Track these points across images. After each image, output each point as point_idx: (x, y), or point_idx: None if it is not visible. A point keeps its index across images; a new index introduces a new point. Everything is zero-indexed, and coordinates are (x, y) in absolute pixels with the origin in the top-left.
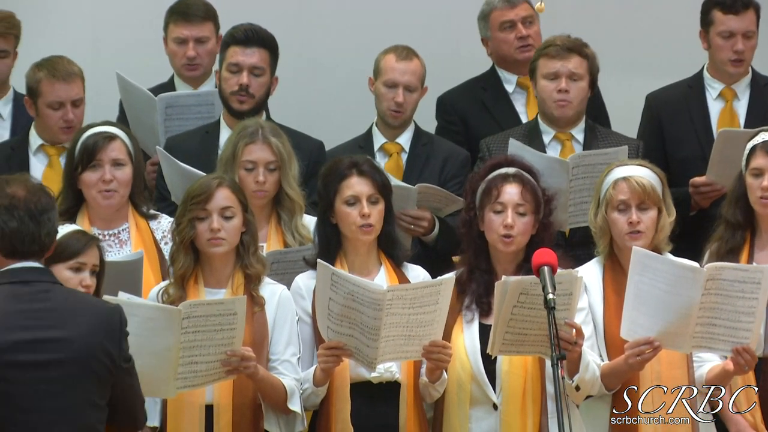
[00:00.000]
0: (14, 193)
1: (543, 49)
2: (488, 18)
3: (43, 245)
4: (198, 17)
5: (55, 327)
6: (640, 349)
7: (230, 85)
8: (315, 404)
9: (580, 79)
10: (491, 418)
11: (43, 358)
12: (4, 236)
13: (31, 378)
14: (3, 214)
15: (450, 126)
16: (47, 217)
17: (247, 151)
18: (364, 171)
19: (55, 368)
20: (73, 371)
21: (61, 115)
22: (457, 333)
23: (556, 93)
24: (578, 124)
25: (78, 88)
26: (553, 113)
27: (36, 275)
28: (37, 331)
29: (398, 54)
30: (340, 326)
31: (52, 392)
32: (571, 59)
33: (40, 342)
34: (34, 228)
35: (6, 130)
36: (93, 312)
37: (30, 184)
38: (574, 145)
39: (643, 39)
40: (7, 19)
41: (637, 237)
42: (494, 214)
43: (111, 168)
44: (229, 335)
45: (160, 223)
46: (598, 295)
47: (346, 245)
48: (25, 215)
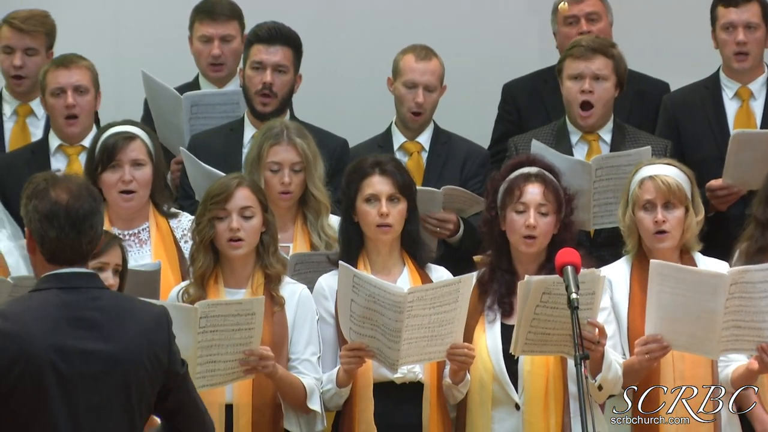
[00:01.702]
0: (57, 198)
1: (568, 50)
2: (556, 12)
3: (84, 253)
4: (223, 16)
5: (103, 340)
6: (649, 347)
7: (254, 84)
8: (338, 405)
9: (604, 80)
10: (513, 418)
11: (89, 370)
12: (44, 243)
13: (74, 388)
14: (43, 222)
15: (506, 115)
16: (89, 224)
17: (273, 152)
18: (387, 170)
19: (99, 380)
20: (118, 383)
21: (62, 102)
22: (479, 333)
23: (580, 94)
24: (605, 125)
25: (80, 75)
26: (577, 121)
27: (85, 281)
28: (86, 341)
29: (417, 54)
30: (362, 328)
31: (92, 404)
32: (595, 60)
33: (88, 353)
34: (74, 237)
35: (39, 129)
36: (141, 320)
37: (75, 186)
38: (601, 146)
39: (661, 42)
40: (35, 17)
41: (663, 237)
42: (516, 214)
43: (131, 168)
44: (247, 335)
45: (181, 221)
46: (624, 292)
47: (369, 245)
48: (66, 224)
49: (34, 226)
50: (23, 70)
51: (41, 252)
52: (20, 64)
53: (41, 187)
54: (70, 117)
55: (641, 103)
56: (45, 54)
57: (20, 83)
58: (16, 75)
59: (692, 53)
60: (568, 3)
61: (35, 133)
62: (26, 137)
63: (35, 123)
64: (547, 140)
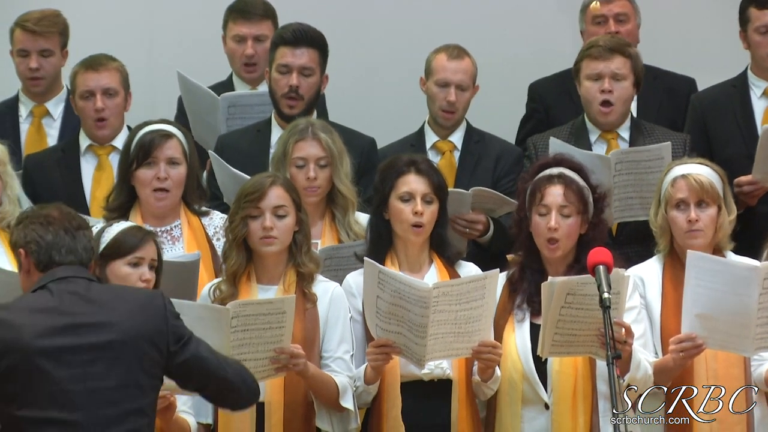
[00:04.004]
0: (49, 214)
1: (586, 50)
2: (585, 11)
3: (81, 257)
4: (257, 15)
5: (96, 314)
6: (682, 346)
7: (280, 87)
8: (367, 402)
9: (623, 79)
10: (542, 417)
11: (85, 342)
12: (41, 248)
13: (73, 361)
14: (39, 229)
15: (534, 113)
16: (83, 233)
17: (297, 147)
18: (422, 170)
19: (97, 351)
20: (116, 354)
21: (91, 105)
22: (508, 333)
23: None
24: (624, 123)
25: (109, 78)
26: (597, 118)
27: (73, 272)
28: (78, 317)
29: (449, 53)
30: (388, 324)
31: (95, 374)
32: (613, 60)
33: (83, 326)
34: (70, 240)
35: (56, 130)
36: (133, 298)
37: (63, 208)
38: (620, 144)
39: (687, 41)
40: (48, 18)
41: (696, 236)
42: (539, 217)
43: (166, 166)
44: (278, 333)
45: (212, 219)
46: (656, 291)
47: (398, 243)
48: (60, 229)
49: (30, 236)
50: (40, 72)
51: (36, 263)
52: (36, 66)
53: (30, 211)
54: (100, 120)
55: (670, 100)
56: (60, 53)
57: (37, 84)
58: (33, 77)
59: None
60: (600, 2)
61: (51, 134)
62: (42, 138)
63: (51, 124)
64: (566, 139)
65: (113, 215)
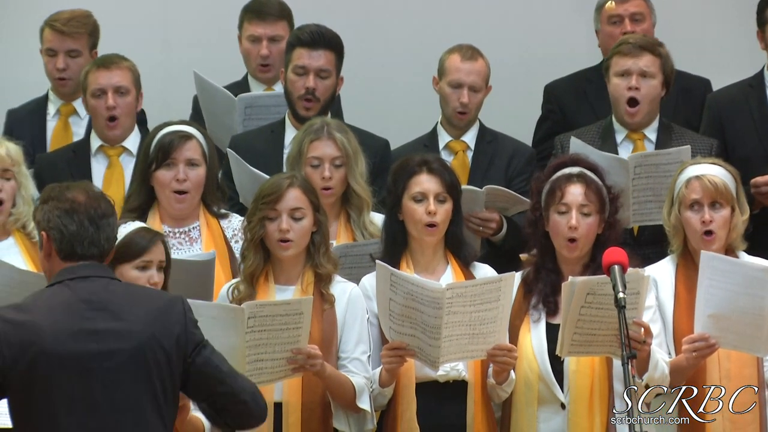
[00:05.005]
0: (74, 198)
1: (616, 47)
2: (600, 10)
3: (103, 249)
4: (272, 16)
5: (115, 319)
6: (695, 345)
7: (297, 89)
8: (382, 405)
9: (651, 78)
10: (559, 417)
11: (103, 348)
12: (64, 239)
13: (88, 368)
14: (63, 217)
15: (550, 114)
16: (107, 222)
17: (313, 147)
18: (434, 169)
19: (114, 358)
20: (133, 362)
21: (103, 103)
22: (524, 333)
23: (626, 90)
24: (651, 124)
25: (121, 76)
26: (624, 118)
27: (94, 270)
28: (97, 322)
29: (463, 54)
30: (401, 326)
31: (108, 382)
32: (642, 57)
33: (101, 333)
34: (93, 231)
35: (81, 128)
36: (153, 303)
37: (91, 190)
38: (647, 145)
39: (702, 41)
40: (77, 19)
41: (710, 239)
42: (558, 215)
43: (185, 168)
44: (294, 334)
45: (231, 221)
46: (669, 292)
47: (413, 244)
48: (85, 219)
49: (53, 223)
50: (67, 72)
51: (58, 251)
52: (63, 66)
53: (57, 190)
54: (111, 119)
55: (686, 100)
56: (89, 54)
57: (64, 84)
58: (60, 77)
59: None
60: (615, 2)
61: (78, 132)
62: (68, 136)
63: (78, 122)
64: (593, 139)
65: (132, 216)
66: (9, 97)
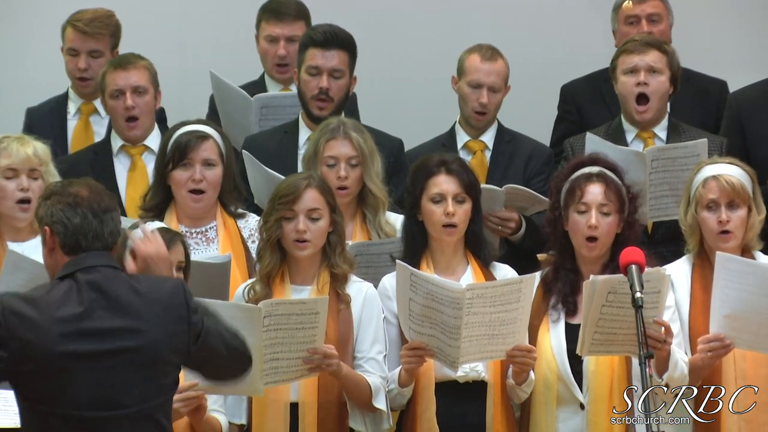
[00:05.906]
0: (77, 192)
1: (622, 47)
2: (618, 10)
3: (106, 243)
4: (290, 16)
5: (120, 317)
6: (711, 345)
7: (310, 89)
8: (401, 405)
9: (659, 74)
10: (578, 417)
11: (108, 347)
12: (68, 231)
13: (94, 366)
14: (66, 210)
15: (566, 115)
16: (110, 216)
17: (329, 146)
18: (453, 169)
19: (119, 356)
20: (138, 358)
21: (121, 104)
22: (543, 333)
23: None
24: (660, 122)
25: (138, 76)
26: (633, 116)
27: (99, 259)
28: (104, 320)
29: (483, 54)
30: (421, 326)
31: (116, 379)
32: (649, 53)
33: (107, 331)
34: (97, 225)
35: (102, 127)
36: (156, 297)
37: (93, 185)
38: (657, 143)
39: (719, 42)
40: (99, 19)
41: (727, 238)
42: (578, 215)
43: (202, 168)
44: (310, 333)
45: (248, 221)
46: (685, 291)
47: (433, 244)
48: (89, 212)
49: (57, 217)
50: (88, 72)
51: (62, 245)
52: (85, 66)
53: (59, 186)
54: (131, 119)
55: (702, 101)
56: (110, 54)
57: (86, 84)
58: (81, 77)
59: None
60: (633, 2)
61: (98, 131)
62: (89, 135)
63: (99, 121)
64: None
65: (149, 215)
66: (26, 96)
